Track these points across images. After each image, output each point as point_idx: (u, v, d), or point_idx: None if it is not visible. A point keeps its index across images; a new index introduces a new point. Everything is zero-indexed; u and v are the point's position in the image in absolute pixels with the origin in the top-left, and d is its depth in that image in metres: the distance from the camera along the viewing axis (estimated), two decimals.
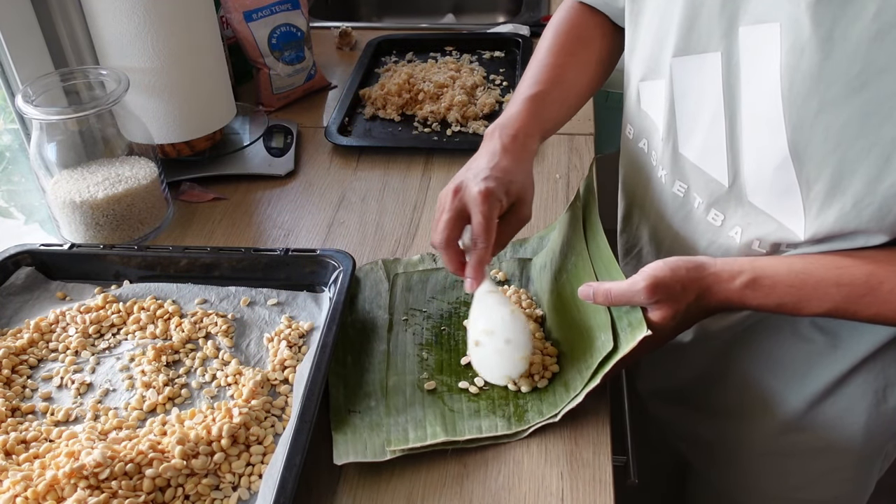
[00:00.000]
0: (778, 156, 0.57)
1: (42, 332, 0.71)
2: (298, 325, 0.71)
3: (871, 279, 0.55)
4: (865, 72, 0.49)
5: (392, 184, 0.97)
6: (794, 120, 0.54)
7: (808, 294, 0.57)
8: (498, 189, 0.64)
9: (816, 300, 0.57)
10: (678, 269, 0.59)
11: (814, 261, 0.58)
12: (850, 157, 0.53)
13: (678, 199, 0.70)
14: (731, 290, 0.59)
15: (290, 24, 1.11)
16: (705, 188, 0.66)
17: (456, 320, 0.74)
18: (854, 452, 0.74)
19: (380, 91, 1.12)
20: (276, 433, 0.62)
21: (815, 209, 0.57)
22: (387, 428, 0.63)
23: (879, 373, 0.69)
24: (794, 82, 0.53)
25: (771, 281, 0.58)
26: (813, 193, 0.56)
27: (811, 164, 0.55)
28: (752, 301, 0.59)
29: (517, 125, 0.70)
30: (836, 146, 0.53)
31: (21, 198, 0.97)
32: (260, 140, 1.03)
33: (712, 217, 0.66)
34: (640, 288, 0.58)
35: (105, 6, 0.84)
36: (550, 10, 1.44)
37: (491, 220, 0.63)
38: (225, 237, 0.88)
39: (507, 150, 0.68)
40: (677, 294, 0.58)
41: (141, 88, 0.88)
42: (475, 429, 0.63)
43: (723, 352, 0.75)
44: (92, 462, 0.54)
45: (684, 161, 0.68)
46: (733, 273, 0.59)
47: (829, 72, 0.51)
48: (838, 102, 0.51)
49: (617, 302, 0.61)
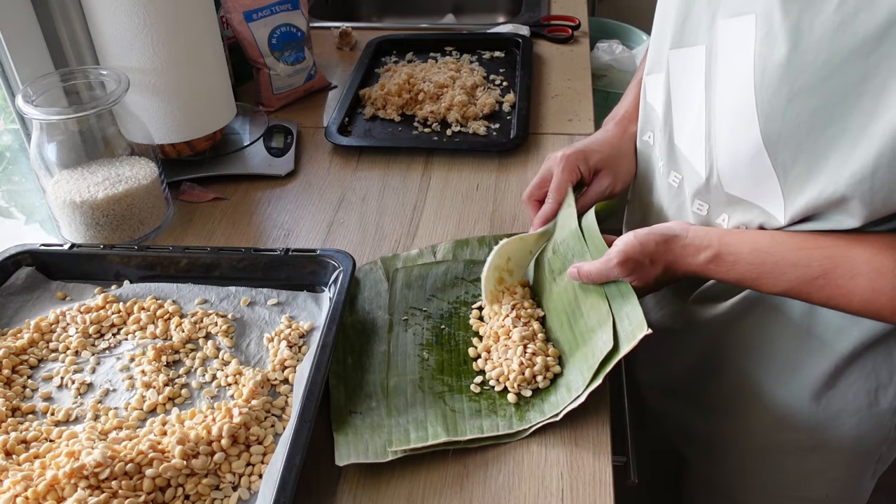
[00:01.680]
0: (752, 145, 0.58)
1: (42, 332, 0.71)
2: (298, 325, 0.71)
3: (826, 262, 0.58)
4: (830, 61, 0.51)
5: (392, 184, 0.97)
6: (767, 110, 0.55)
7: (766, 272, 0.60)
8: (576, 156, 0.75)
9: (773, 279, 0.60)
10: (647, 243, 0.64)
11: (779, 240, 0.61)
12: (822, 143, 0.54)
13: (673, 189, 0.72)
14: (695, 264, 0.63)
15: (290, 24, 1.11)
16: (691, 178, 0.68)
17: (456, 320, 0.74)
18: (846, 453, 0.74)
19: (380, 91, 1.12)
20: (276, 433, 0.62)
21: (794, 194, 0.58)
22: (388, 429, 0.63)
23: (871, 374, 0.69)
24: (766, 72, 0.54)
25: (733, 258, 0.62)
26: (790, 179, 0.58)
27: (786, 152, 0.56)
28: (714, 274, 0.63)
29: (623, 110, 0.81)
30: (808, 132, 0.54)
31: (21, 198, 0.97)
32: (260, 140, 1.03)
33: (697, 207, 0.69)
34: (613, 264, 0.64)
35: (105, 6, 0.84)
36: (550, 10, 1.44)
37: (563, 182, 0.74)
38: (225, 237, 0.88)
39: (605, 130, 0.80)
40: (646, 267, 0.64)
41: (141, 88, 0.88)
42: (476, 428, 0.63)
43: (713, 342, 0.76)
44: (92, 462, 0.54)
45: (678, 152, 0.70)
46: (700, 247, 0.63)
47: (797, 62, 0.52)
48: (807, 91, 0.53)
49: (597, 280, 0.67)
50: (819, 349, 0.69)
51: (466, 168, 0.99)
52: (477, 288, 0.77)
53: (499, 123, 1.08)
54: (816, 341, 0.69)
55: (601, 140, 0.79)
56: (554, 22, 1.37)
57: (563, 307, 0.70)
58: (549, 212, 0.75)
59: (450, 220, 0.89)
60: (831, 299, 0.59)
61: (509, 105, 1.11)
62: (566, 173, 0.74)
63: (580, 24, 1.35)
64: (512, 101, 1.12)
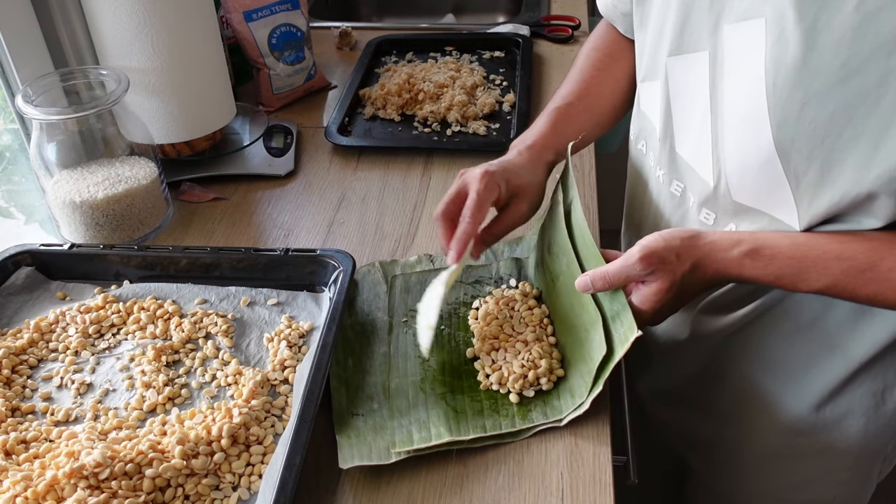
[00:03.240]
0: (763, 153, 0.57)
1: (42, 332, 0.71)
2: (298, 325, 0.71)
3: (872, 255, 0.55)
4: (850, 62, 0.49)
5: (392, 184, 0.96)
6: (780, 115, 0.54)
7: (808, 266, 0.56)
8: (498, 175, 0.67)
9: (816, 273, 0.56)
10: (672, 239, 0.59)
11: (815, 236, 0.57)
12: (838, 149, 0.52)
13: (675, 198, 0.70)
14: (728, 259, 0.58)
15: (290, 24, 1.11)
16: (696, 187, 0.67)
17: (456, 321, 0.74)
18: (853, 454, 0.73)
19: (380, 91, 1.12)
20: (276, 433, 0.61)
21: (807, 200, 0.57)
22: (391, 430, 0.63)
23: (878, 375, 0.69)
24: (779, 76, 0.53)
25: (771, 251, 0.57)
26: (803, 186, 0.56)
27: (798, 158, 0.55)
28: (749, 271, 0.58)
29: (534, 137, 0.73)
30: (823, 138, 0.53)
31: (21, 198, 0.97)
32: (260, 140, 1.03)
33: (704, 216, 0.67)
34: (635, 260, 0.58)
35: (105, 6, 0.84)
36: (550, 10, 1.44)
37: (483, 199, 0.66)
38: (225, 237, 0.88)
39: (519, 154, 0.72)
40: (672, 263, 0.58)
41: (141, 88, 0.88)
42: (479, 428, 0.63)
43: (719, 350, 0.75)
44: (92, 462, 0.54)
45: (680, 160, 0.68)
46: (732, 242, 0.59)
47: (813, 63, 0.51)
48: (824, 94, 0.51)
49: (615, 281, 0.60)
50: (829, 354, 0.68)
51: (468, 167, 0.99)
52: (476, 289, 0.77)
53: (499, 123, 1.08)
54: (827, 347, 0.68)
55: (518, 164, 0.71)
56: (554, 22, 1.37)
57: (561, 310, 0.70)
58: (469, 232, 0.65)
59: None
60: (879, 294, 0.56)
61: (509, 105, 1.11)
62: (487, 191, 0.66)
63: (580, 24, 1.35)
64: (512, 101, 1.12)
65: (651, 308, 0.60)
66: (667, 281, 0.59)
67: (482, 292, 0.77)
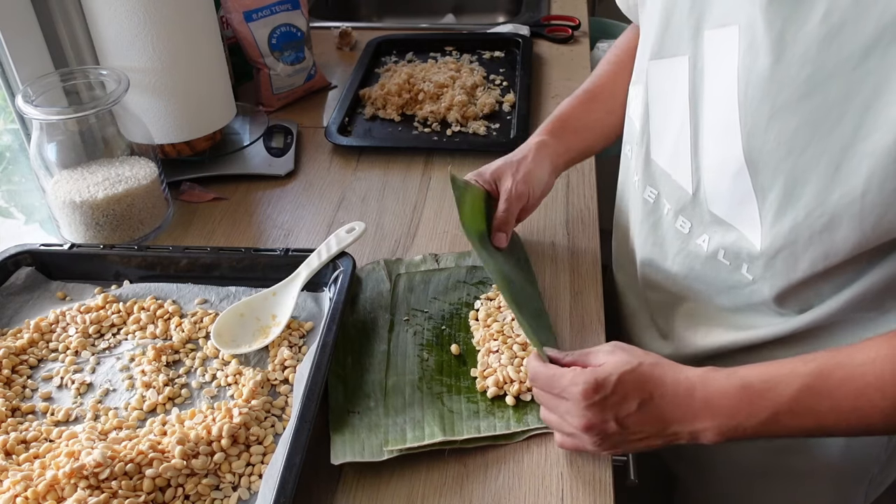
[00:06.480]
0: (735, 163, 0.55)
1: (42, 332, 0.71)
2: (298, 325, 0.71)
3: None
4: (815, 76, 0.48)
5: (392, 184, 0.97)
6: (749, 126, 0.53)
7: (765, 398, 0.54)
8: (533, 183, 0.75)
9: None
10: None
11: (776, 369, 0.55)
12: (801, 166, 0.51)
13: (648, 204, 0.70)
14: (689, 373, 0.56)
15: (290, 24, 1.11)
16: (673, 195, 0.66)
17: (457, 321, 0.74)
18: (834, 476, 0.72)
19: (380, 91, 1.12)
20: (276, 433, 0.62)
21: (770, 218, 0.55)
22: (385, 428, 0.63)
23: None
24: (750, 85, 0.52)
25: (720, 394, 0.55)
26: (768, 202, 0.55)
27: (765, 172, 0.54)
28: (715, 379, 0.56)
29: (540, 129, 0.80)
30: (787, 153, 0.52)
31: (21, 198, 0.97)
32: (260, 140, 1.03)
33: (680, 224, 0.66)
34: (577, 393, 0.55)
35: (105, 6, 0.84)
36: (550, 10, 1.44)
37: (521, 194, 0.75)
38: (225, 237, 0.88)
39: (520, 149, 0.78)
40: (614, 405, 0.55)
41: (141, 88, 0.88)
42: (474, 429, 0.63)
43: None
44: (92, 462, 0.54)
45: (655, 167, 0.67)
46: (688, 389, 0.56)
47: (780, 75, 0.50)
48: (789, 107, 0.50)
49: (544, 385, 0.59)
50: None
51: (466, 168, 0.98)
52: (479, 290, 0.77)
53: (499, 123, 1.08)
54: None
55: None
56: (554, 22, 1.37)
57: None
58: (510, 219, 0.74)
59: (450, 220, 0.89)
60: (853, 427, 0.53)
61: (509, 105, 1.11)
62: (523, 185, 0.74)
63: (580, 23, 1.35)
64: (512, 101, 1.12)
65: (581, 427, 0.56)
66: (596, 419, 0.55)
67: (485, 293, 0.77)
